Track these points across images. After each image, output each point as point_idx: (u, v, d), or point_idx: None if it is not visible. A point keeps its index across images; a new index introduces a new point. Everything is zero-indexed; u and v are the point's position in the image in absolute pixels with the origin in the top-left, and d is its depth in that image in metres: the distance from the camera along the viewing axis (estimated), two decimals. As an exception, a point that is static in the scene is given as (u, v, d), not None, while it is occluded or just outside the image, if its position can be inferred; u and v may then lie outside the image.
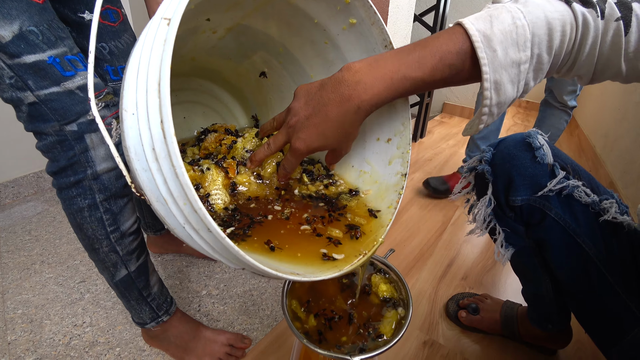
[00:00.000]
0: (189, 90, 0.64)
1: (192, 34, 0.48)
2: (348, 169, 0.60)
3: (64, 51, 0.53)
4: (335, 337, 0.53)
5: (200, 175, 0.50)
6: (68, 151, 0.58)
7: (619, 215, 0.59)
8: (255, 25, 0.52)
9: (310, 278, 0.38)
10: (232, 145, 0.56)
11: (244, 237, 0.44)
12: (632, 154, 1.57)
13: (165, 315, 0.82)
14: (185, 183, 0.29)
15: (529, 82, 0.40)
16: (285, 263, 0.42)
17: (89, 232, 0.65)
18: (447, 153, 2.15)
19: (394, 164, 0.54)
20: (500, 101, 0.40)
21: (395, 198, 0.52)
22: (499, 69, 0.38)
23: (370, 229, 0.50)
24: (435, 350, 0.91)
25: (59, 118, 0.55)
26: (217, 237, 0.30)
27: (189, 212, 0.31)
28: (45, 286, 1.07)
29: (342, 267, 0.43)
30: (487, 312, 0.96)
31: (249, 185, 0.54)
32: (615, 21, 0.37)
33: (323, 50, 0.54)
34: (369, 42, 0.49)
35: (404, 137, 0.53)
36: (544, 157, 0.62)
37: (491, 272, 1.20)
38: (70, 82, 0.54)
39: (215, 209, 0.48)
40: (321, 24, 0.50)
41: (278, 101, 0.66)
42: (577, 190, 0.60)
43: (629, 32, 0.37)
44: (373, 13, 0.46)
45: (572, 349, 0.93)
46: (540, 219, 0.64)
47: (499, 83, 0.39)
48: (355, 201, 0.55)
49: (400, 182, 0.53)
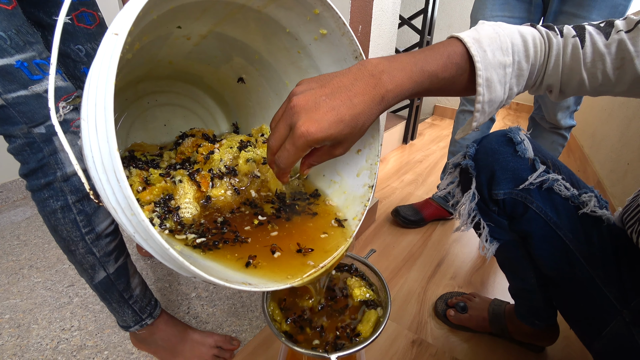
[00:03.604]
0: (172, 93, 0.65)
1: (164, 39, 0.48)
2: (319, 178, 0.61)
3: (32, 55, 0.54)
4: (309, 340, 0.53)
5: (173, 187, 0.51)
6: (37, 153, 0.58)
7: (597, 209, 0.61)
8: (229, 33, 0.52)
9: (261, 288, 0.39)
10: (208, 156, 0.57)
11: (211, 247, 0.45)
12: (617, 152, 1.59)
13: (149, 318, 0.81)
14: (129, 196, 0.30)
15: (512, 87, 0.46)
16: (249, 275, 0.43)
17: (64, 234, 0.65)
18: (437, 155, 2.17)
19: (362, 175, 0.55)
20: (491, 98, 0.44)
21: (360, 210, 0.53)
22: (489, 67, 0.43)
23: (334, 240, 0.51)
24: (424, 349, 0.92)
25: (27, 121, 0.55)
26: (162, 247, 0.31)
27: (136, 223, 0.32)
28: (34, 290, 1.06)
29: (295, 279, 0.43)
30: (476, 310, 0.97)
31: (224, 197, 0.54)
32: (572, 37, 0.46)
33: (296, 59, 0.55)
34: (339, 52, 0.50)
35: (373, 149, 0.54)
36: (525, 151, 0.63)
37: (480, 272, 1.20)
38: (37, 86, 0.55)
39: (184, 221, 0.49)
40: (293, 34, 0.51)
41: (257, 106, 0.67)
42: (557, 184, 0.62)
43: (584, 45, 0.46)
44: (342, 24, 0.47)
45: (560, 346, 0.94)
46: (523, 212, 0.65)
47: (490, 81, 0.43)
48: (323, 204, 0.56)
49: (367, 194, 0.53)
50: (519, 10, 1.05)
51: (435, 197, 1.44)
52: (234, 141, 0.61)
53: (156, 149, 0.61)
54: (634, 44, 0.45)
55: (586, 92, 0.50)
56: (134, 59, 0.45)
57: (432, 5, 1.97)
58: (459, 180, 0.73)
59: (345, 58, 0.50)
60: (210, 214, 0.52)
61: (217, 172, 0.56)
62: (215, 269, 0.42)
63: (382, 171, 1.92)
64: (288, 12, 0.48)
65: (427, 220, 1.42)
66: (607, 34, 0.47)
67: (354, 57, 0.49)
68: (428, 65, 0.42)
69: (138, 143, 0.60)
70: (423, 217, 1.41)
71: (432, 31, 2.05)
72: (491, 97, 0.44)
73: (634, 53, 0.44)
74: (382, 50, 1.04)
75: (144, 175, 0.51)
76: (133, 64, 0.48)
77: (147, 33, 0.41)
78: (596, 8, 0.92)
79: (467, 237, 1.39)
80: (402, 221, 1.40)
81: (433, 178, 1.86)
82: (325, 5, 0.45)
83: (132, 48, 0.41)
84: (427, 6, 1.97)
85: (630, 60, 0.45)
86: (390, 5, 0.99)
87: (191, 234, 0.46)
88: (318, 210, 0.56)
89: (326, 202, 0.57)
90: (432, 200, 1.45)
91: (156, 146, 0.62)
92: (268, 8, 0.48)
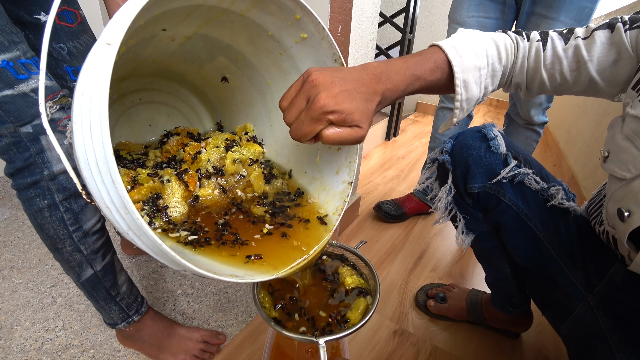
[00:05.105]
0: (155, 91, 0.65)
1: (149, 40, 0.49)
2: (302, 175, 0.63)
3: (17, 55, 0.54)
4: (298, 326, 0.55)
5: (161, 186, 0.52)
6: (24, 152, 0.58)
7: (565, 202, 0.65)
8: (213, 34, 0.54)
9: (248, 280, 0.41)
10: (196, 156, 0.58)
11: (203, 244, 0.47)
12: (590, 147, 1.66)
13: (136, 315, 0.82)
14: (124, 196, 0.31)
15: (487, 86, 0.54)
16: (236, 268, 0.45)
17: (51, 232, 0.65)
18: (419, 151, 2.21)
19: (342, 173, 0.58)
20: (468, 97, 0.51)
21: (340, 205, 0.56)
22: (465, 70, 0.50)
23: (317, 233, 0.54)
24: (405, 338, 0.95)
25: (14, 120, 0.56)
26: (155, 243, 0.33)
27: (130, 221, 0.33)
28: (15, 292, 1.05)
29: (279, 271, 0.46)
30: (454, 300, 1.00)
31: (212, 197, 0.56)
32: (537, 42, 0.54)
33: (279, 60, 0.57)
34: (320, 55, 0.52)
35: (352, 148, 0.56)
36: (498, 147, 0.66)
37: (459, 264, 1.25)
38: (24, 85, 0.55)
39: (172, 220, 0.50)
40: (275, 37, 0.53)
41: (241, 104, 0.68)
42: (527, 178, 0.65)
43: (546, 49, 0.54)
44: (322, 29, 0.49)
45: (534, 332, 0.98)
46: (496, 204, 0.68)
47: (466, 82, 0.50)
48: (306, 204, 0.59)
49: (346, 190, 0.56)
50: (493, 11, 1.09)
51: (416, 192, 1.48)
52: (220, 140, 0.62)
53: (141, 147, 0.62)
54: (587, 50, 0.52)
55: (548, 91, 0.56)
56: (119, 60, 0.46)
57: (414, 4, 2.00)
58: (437, 175, 0.76)
59: (325, 61, 0.52)
60: (207, 215, 0.53)
61: (204, 172, 0.57)
62: (204, 262, 0.43)
63: (365, 167, 1.95)
64: (270, 17, 0.50)
65: (409, 214, 1.46)
66: (567, 40, 0.53)
67: (333, 59, 0.51)
68: (418, 70, 0.48)
69: (123, 142, 0.61)
70: (405, 211, 1.44)
71: (414, 29, 2.09)
72: (468, 96, 0.51)
73: (587, 57, 0.52)
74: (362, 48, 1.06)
75: (131, 174, 0.52)
76: (117, 64, 0.48)
77: (133, 37, 0.43)
78: (564, 10, 0.96)
79: (447, 230, 1.43)
80: (384, 216, 1.43)
81: (415, 173, 1.90)
82: (305, 11, 0.47)
83: (119, 51, 0.42)
84: (409, 4, 2.00)
85: (584, 63, 0.52)
86: (370, 4, 1.01)
87: (184, 232, 0.48)
88: (302, 209, 0.58)
89: (308, 200, 0.60)
90: (413, 196, 1.48)
91: (141, 145, 0.63)
92: (251, 12, 0.49)
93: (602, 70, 0.52)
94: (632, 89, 0.50)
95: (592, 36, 0.52)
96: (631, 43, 0.49)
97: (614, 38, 0.51)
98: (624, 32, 0.50)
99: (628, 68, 0.51)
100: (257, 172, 0.61)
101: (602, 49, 0.51)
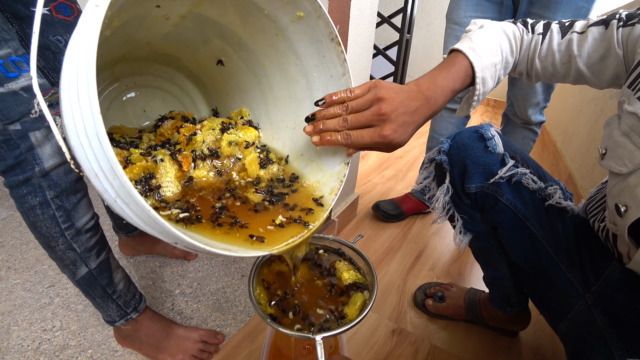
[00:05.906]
0: (149, 75, 0.65)
1: (142, 18, 0.48)
2: (297, 157, 0.63)
3: (7, 53, 0.54)
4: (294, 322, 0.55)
5: (154, 166, 0.52)
6: (14, 150, 0.58)
7: (562, 201, 0.65)
8: (208, 14, 0.53)
9: (241, 254, 0.40)
10: (191, 137, 0.57)
11: (193, 222, 0.46)
12: (586, 147, 1.67)
13: (134, 313, 0.82)
14: (111, 158, 0.30)
15: (500, 76, 0.62)
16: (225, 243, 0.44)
17: (43, 230, 0.65)
18: (417, 151, 2.21)
19: (339, 154, 0.58)
20: (485, 91, 0.60)
21: (337, 185, 0.56)
22: (484, 69, 0.57)
23: (314, 213, 0.54)
24: (403, 337, 0.95)
25: (3, 118, 0.55)
26: (143, 209, 0.31)
27: (118, 186, 0.32)
28: (12, 292, 1.04)
29: (273, 247, 0.45)
30: (452, 299, 1.01)
31: (207, 179, 0.55)
32: (538, 35, 0.60)
33: (275, 41, 0.56)
34: (316, 34, 0.52)
35: None
36: (495, 147, 0.66)
37: (457, 263, 1.25)
38: (13, 83, 0.55)
39: (165, 199, 0.50)
40: (271, 15, 0.52)
41: (236, 89, 0.67)
42: (525, 178, 0.65)
43: (544, 42, 0.60)
44: (318, 7, 0.48)
45: (532, 330, 0.99)
46: (493, 204, 0.68)
47: (484, 79, 0.58)
48: (301, 187, 0.58)
49: (343, 170, 0.56)
50: (490, 11, 1.10)
51: (414, 192, 1.48)
52: (215, 123, 0.61)
53: (135, 132, 0.62)
54: (578, 46, 0.56)
55: (545, 79, 0.64)
56: (112, 37, 0.45)
57: (412, 4, 2.00)
58: (434, 175, 0.77)
59: (322, 40, 0.52)
60: (202, 198, 0.53)
61: (199, 154, 0.57)
62: (196, 238, 0.43)
63: (363, 167, 1.95)
64: None
65: (407, 214, 1.46)
66: (564, 34, 0.58)
67: (330, 38, 0.51)
68: (457, 85, 0.56)
69: (117, 126, 0.61)
70: (402, 211, 1.44)
71: (412, 29, 2.09)
72: (485, 90, 0.60)
73: (577, 53, 0.57)
74: (360, 48, 1.06)
75: (124, 154, 0.51)
76: (111, 43, 0.48)
77: (125, 10, 0.42)
78: (561, 10, 0.96)
79: (445, 230, 1.43)
80: (383, 215, 1.43)
81: (413, 173, 1.91)
82: None
83: (111, 24, 0.42)
84: (407, 5, 2.01)
85: (574, 58, 0.57)
86: (368, 4, 1.01)
87: (175, 209, 0.47)
88: (298, 195, 0.58)
89: (303, 184, 0.60)
90: (411, 195, 1.48)
91: (135, 129, 0.63)
92: None
93: (590, 64, 0.57)
94: (628, 87, 0.50)
95: (587, 31, 0.56)
96: (621, 40, 0.52)
97: (606, 34, 0.54)
98: (617, 29, 0.52)
99: (614, 65, 0.54)
100: (253, 156, 0.61)
101: (592, 45, 0.55)
